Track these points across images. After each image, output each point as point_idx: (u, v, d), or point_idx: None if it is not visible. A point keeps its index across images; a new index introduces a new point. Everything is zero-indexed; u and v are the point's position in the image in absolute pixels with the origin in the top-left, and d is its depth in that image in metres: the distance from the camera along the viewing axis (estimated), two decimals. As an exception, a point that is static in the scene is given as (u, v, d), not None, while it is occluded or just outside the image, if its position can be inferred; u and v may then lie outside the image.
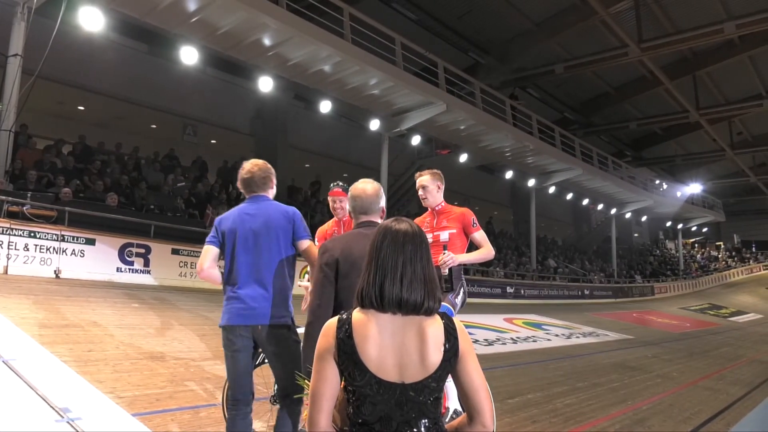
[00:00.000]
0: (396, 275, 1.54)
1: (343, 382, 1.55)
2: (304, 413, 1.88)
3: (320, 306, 2.48)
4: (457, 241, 3.72)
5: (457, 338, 1.54)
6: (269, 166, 3.21)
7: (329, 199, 4.02)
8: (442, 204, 3.81)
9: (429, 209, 3.84)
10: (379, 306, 1.53)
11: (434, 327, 1.53)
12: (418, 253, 1.57)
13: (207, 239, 3.08)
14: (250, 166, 3.16)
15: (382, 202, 2.78)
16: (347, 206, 3.48)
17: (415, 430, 1.49)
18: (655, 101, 26.16)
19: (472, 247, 3.83)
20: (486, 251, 3.75)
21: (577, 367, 8.74)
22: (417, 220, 3.95)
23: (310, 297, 2.57)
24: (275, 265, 2.98)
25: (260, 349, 3.04)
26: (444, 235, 3.71)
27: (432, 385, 1.49)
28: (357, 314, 1.55)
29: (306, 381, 1.83)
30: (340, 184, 4.05)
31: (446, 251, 3.56)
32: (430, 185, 3.76)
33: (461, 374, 1.54)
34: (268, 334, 2.90)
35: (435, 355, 1.50)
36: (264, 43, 11.46)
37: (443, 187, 3.83)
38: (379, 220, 2.71)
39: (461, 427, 1.59)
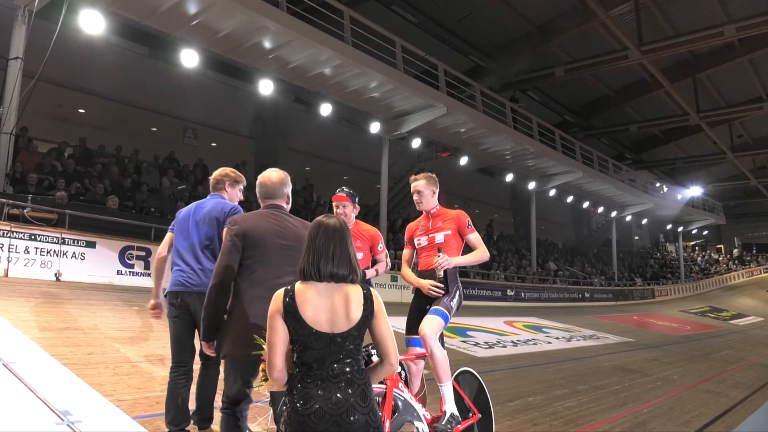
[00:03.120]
0: (329, 256, 2.07)
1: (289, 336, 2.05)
2: (262, 366, 2.30)
3: (225, 270, 2.80)
4: (452, 242, 3.73)
5: (373, 302, 2.09)
6: (226, 171, 3.82)
7: (333, 203, 4.12)
8: (437, 207, 3.84)
9: (424, 212, 3.88)
10: (318, 278, 2.06)
11: (356, 292, 2.07)
12: (344, 241, 2.11)
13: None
14: (216, 172, 3.83)
15: (287, 189, 3.08)
16: (347, 210, 4.09)
17: (341, 366, 2.02)
18: (656, 104, 26.19)
19: (467, 249, 3.85)
20: (481, 253, 3.76)
21: (578, 369, 8.73)
22: (412, 224, 3.99)
23: (217, 261, 2.85)
24: (205, 247, 3.52)
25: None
26: (439, 237, 3.74)
27: (354, 334, 2.04)
28: (298, 285, 2.08)
29: (262, 341, 2.23)
30: (345, 189, 4.15)
31: (441, 254, 3.57)
32: (424, 190, 3.79)
33: (375, 328, 2.10)
34: (196, 300, 3.33)
35: (356, 312, 2.04)
36: (264, 46, 11.47)
37: (438, 191, 3.85)
38: (285, 205, 3.05)
39: (375, 366, 2.16)
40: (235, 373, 2.84)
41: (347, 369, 2.02)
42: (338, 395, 1.98)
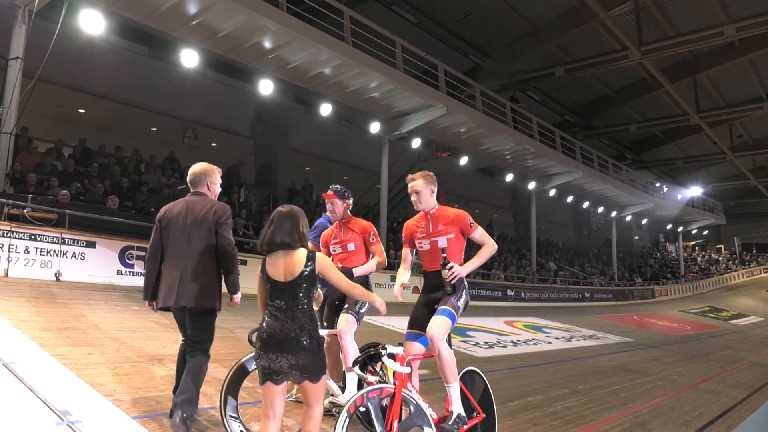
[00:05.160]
0: (282, 230, 2.89)
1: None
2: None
3: (151, 247, 3.65)
4: (455, 245, 3.63)
5: (314, 261, 2.91)
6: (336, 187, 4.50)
7: (325, 201, 4.19)
8: (436, 207, 3.70)
9: (422, 212, 3.74)
10: (275, 247, 2.91)
11: (301, 254, 2.90)
12: (292, 220, 2.92)
13: None
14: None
15: (208, 179, 3.72)
16: (335, 207, 4.27)
17: (292, 305, 2.84)
18: (656, 104, 26.18)
19: (469, 243, 3.78)
20: (489, 249, 3.68)
21: (578, 369, 8.73)
22: (411, 223, 3.85)
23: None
24: None
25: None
26: (442, 242, 3.61)
27: (299, 282, 2.86)
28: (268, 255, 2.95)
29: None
30: (336, 186, 4.16)
31: (445, 257, 3.51)
32: (423, 189, 3.65)
33: (330, 279, 3.04)
34: None
35: (299, 267, 2.87)
36: (264, 46, 11.47)
37: (436, 189, 3.72)
38: (208, 192, 3.72)
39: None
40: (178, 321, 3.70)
41: (296, 307, 2.84)
42: (285, 324, 2.81)
